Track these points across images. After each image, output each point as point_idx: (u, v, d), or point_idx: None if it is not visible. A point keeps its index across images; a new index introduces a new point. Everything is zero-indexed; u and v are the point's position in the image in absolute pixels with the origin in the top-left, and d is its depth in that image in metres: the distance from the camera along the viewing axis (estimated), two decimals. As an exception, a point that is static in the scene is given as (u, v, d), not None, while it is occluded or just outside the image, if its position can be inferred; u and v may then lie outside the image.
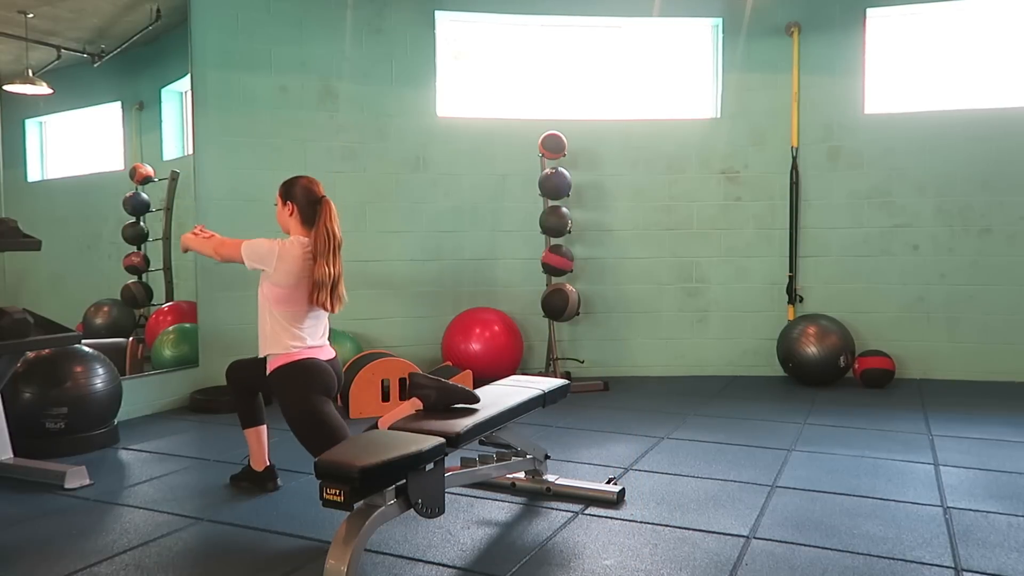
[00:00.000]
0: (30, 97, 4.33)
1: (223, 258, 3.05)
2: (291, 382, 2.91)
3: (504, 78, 5.87)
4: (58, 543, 2.63)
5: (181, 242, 3.21)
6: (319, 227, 2.97)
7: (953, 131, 5.49)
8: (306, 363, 2.93)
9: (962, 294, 5.53)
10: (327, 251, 2.95)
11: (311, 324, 3.00)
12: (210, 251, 3.08)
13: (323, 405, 2.91)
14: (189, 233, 3.19)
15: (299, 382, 2.91)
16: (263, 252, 2.93)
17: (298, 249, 2.95)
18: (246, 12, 5.06)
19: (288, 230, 3.06)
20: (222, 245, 3.06)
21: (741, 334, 5.78)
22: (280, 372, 2.93)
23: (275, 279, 2.93)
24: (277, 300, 2.94)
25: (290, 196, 3.03)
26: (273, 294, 2.94)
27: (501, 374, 4.46)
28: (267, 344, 2.97)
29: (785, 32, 5.63)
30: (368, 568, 2.39)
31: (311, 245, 2.97)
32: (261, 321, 2.99)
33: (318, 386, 2.93)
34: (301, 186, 3.03)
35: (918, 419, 4.37)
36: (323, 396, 2.93)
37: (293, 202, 3.01)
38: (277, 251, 2.92)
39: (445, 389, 2.60)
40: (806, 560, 2.45)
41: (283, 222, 3.07)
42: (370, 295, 5.41)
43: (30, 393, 3.64)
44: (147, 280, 4.93)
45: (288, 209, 3.03)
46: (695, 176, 5.75)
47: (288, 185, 3.05)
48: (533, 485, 3.09)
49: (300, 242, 2.98)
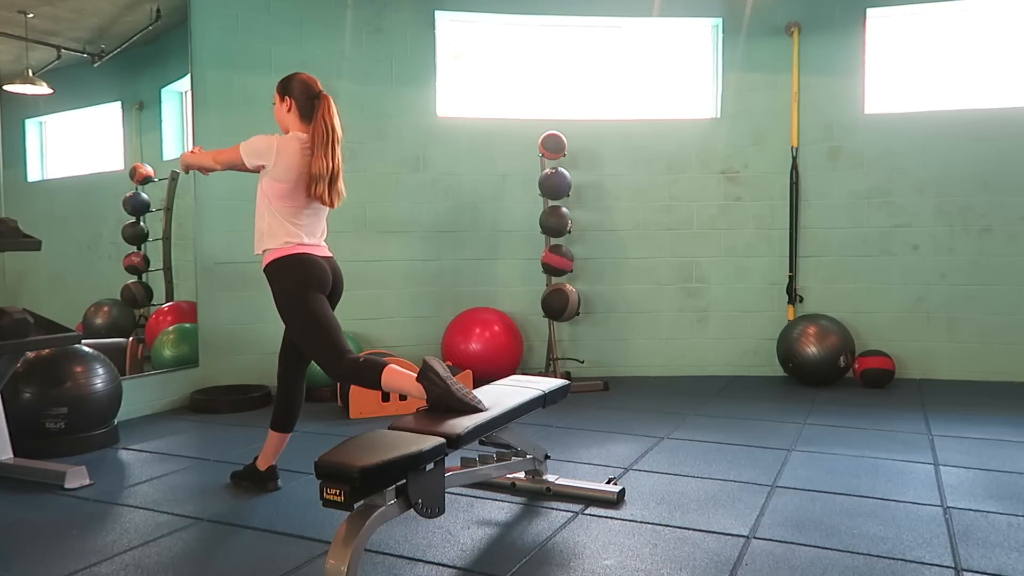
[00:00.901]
0: (30, 97, 4.33)
1: (223, 164, 3.03)
2: (285, 274, 2.89)
3: (504, 78, 5.87)
4: (58, 543, 2.63)
5: (181, 162, 3.17)
6: (317, 121, 2.94)
7: (953, 131, 5.49)
8: (302, 257, 2.91)
9: (962, 294, 5.53)
10: (325, 144, 2.92)
11: (308, 221, 2.97)
12: (209, 161, 3.06)
13: (318, 301, 2.88)
14: (187, 151, 3.16)
15: (294, 274, 2.88)
16: (261, 148, 2.91)
17: (295, 144, 2.93)
18: (246, 12, 5.06)
19: (286, 127, 3.03)
20: (220, 152, 3.04)
21: (741, 334, 5.78)
22: (275, 265, 2.91)
23: (275, 174, 2.90)
24: (277, 195, 2.91)
25: (288, 91, 3.00)
26: (273, 189, 2.91)
27: (501, 374, 4.47)
28: (263, 239, 2.94)
29: (785, 32, 5.63)
30: (368, 568, 2.39)
31: (309, 140, 2.94)
32: (258, 219, 2.95)
33: (314, 281, 2.90)
34: (299, 81, 3.00)
35: (918, 419, 4.37)
36: (318, 292, 2.91)
37: (291, 97, 2.99)
38: (275, 146, 2.90)
39: (451, 396, 2.53)
40: (806, 560, 2.45)
41: (281, 119, 3.04)
42: (370, 295, 5.41)
43: (30, 393, 3.64)
44: (147, 280, 4.93)
45: (286, 105, 3.00)
46: (695, 176, 5.75)
47: (286, 81, 3.02)
48: (533, 485, 3.09)
49: (298, 137, 2.96)
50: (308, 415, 4.47)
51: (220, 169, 3.08)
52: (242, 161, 2.94)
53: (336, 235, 3.42)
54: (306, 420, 4.34)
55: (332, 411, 4.65)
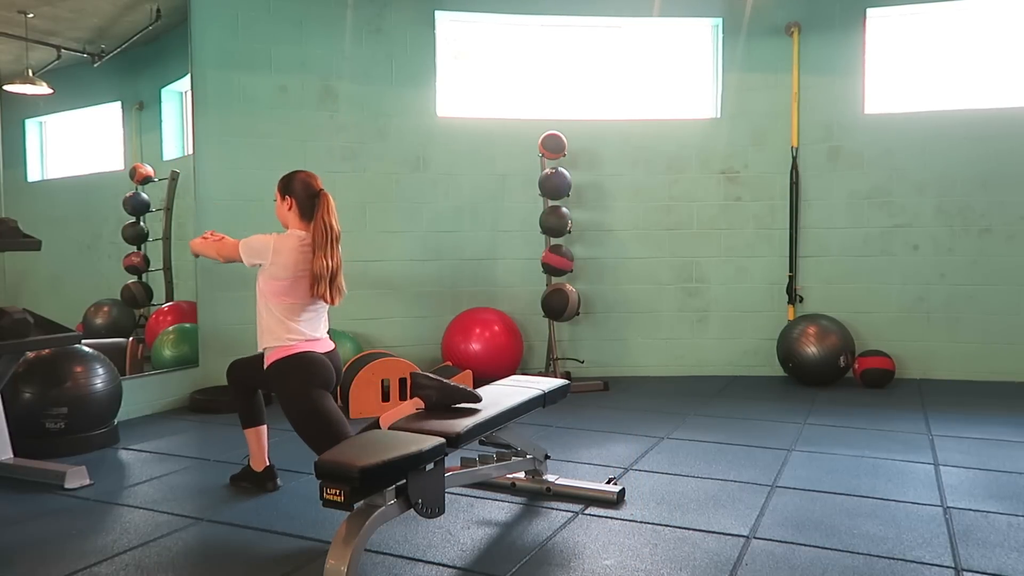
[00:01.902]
0: (30, 97, 4.33)
1: (225, 258, 3.08)
2: (289, 375, 2.91)
3: (504, 78, 5.87)
4: (58, 543, 2.63)
5: (191, 247, 3.26)
6: (317, 220, 2.96)
7: (953, 131, 5.49)
8: (304, 356, 2.93)
9: (962, 294, 5.53)
10: (325, 243, 2.94)
11: (309, 317, 2.99)
12: (213, 253, 3.11)
13: (322, 398, 2.90)
14: (198, 238, 3.21)
15: (297, 375, 2.90)
16: (259, 246, 2.94)
17: (294, 241, 2.96)
18: (246, 12, 5.06)
19: (287, 224, 3.06)
20: (224, 246, 3.09)
21: (741, 334, 5.78)
22: (278, 365, 2.93)
23: (272, 272, 2.93)
24: (274, 293, 2.94)
25: (289, 191, 3.03)
26: (270, 287, 2.94)
27: (501, 374, 4.46)
28: (265, 338, 2.97)
29: (785, 32, 5.63)
30: (368, 568, 2.40)
31: (309, 238, 2.97)
32: (259, 316, 2.99)
33: (317, 379, 2.92)
34: (299, 180, 3.03)
35: (918, 419, 4.37)
36: (321, 389, 2.92)
37: (292, 196, 3.01)
38: (272, 244, 2.93)
39: (446, 389, 2.61)
40: (806, 560, 2.45)
41: (282, 217, 3.07)
42: (370, 295, 5.41)
43: (30, 393, 3.64)
44: (147, 280, 4.93)
45: (287, 204, 3.03)
46: (695, 176, 5.75)
47: (287, 180, 3.05)
48: (533, 485, 3.09)
49: (296, 235, 2.99)
50: (308, 415, 4.47)
51: (223, 262, 3.13)
52: (241, 259, 2.98)
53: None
54: (306, 420, 4.34)
55: (332, 411, 4.64)
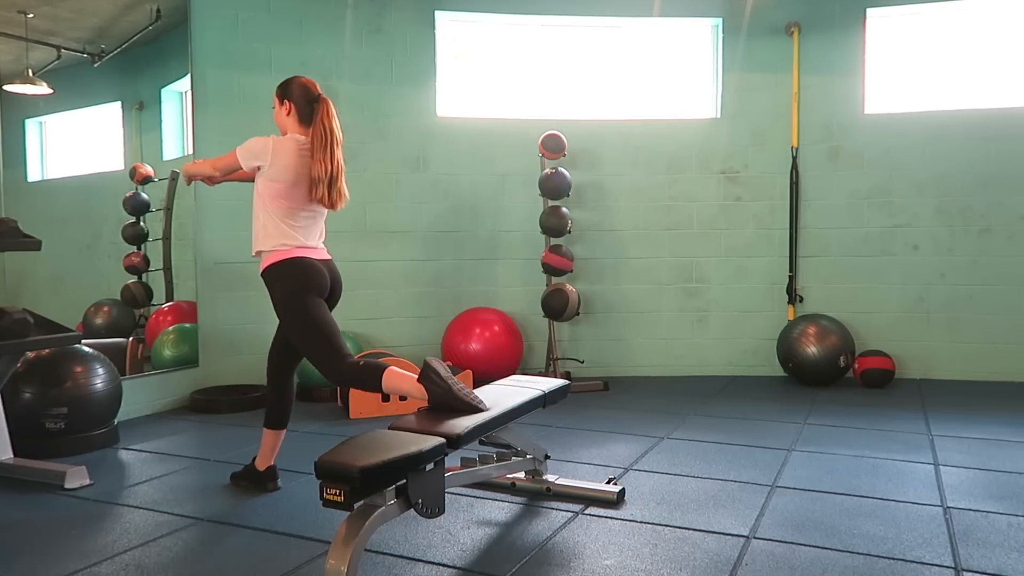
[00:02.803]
0: (30, 97, 4.33)
1: (221, 170, 3.03)
2: (284, 279, 2.88)
3: (504, 78, 5.87)
4: (58, 543, 2.63)
5: (183, 173, 3.16)
6: (316, 124, 2.94)
7: (953, 131, 5.49)
8: (300, 260, 2.91)
9: (962, 294, 5.53)
10: (324, 147, 2.92)
11: (305, 223, 2.97)
12: (209, 169, 3.06)
13: (316, 305, 2.88)
14: (189, 163, 3.16)
15: (292, 279, 2.87)
16: (257, 148, 2.91)
17: (293, 144, 2.93)
18: (246, 12, 5.06)
19: (285, 130, 3.03)
20: (219, 159, 3.04)
21: (741, 334, 5.78)
22: (273, 269, 2.91)
23: (271, 174, 2.90)
24: (272, 196, 2.91)
25: (287, 95, 3.00)
26: (268, 189, 2.91)
27: (501, 374, 4.47)
28: (259, 241, 2.94)
29: (785, 32, 5.63)
30: (368, 568, 2.39)
31: (308, 142, 2.94)
32: (255, 220, 2.95)
33: (312, 285, 2.89)
34: (298, 84, 3.00)
35: (918, 419, 4.37)
36: (316, 296, 2.90)
37: (290, 101, 2.99)
38: (271, 146, 2.90)
39: (452, 395, 2.55)
40: (806, 560, 2.45)
41: (280, 122, 3.05)
42: (370, 295, 5.41)
43: (30, 393, 3.64)
44: (147, 280, 4.93)
45: (285, 108, 3.00)
46: (695, 176, 5.75)
47: (285, 85, 3.02)
48: (533, 485, 3.09)
49: (295, 138, 2.96)
50: (308, 415, 4.47)
51: (221, 177, 3.08)
52: (239, 164, 2.94)
53: (336, 235, 3.42)
54: (306, 420, 4.34)
55: (332, 411, 4.64)
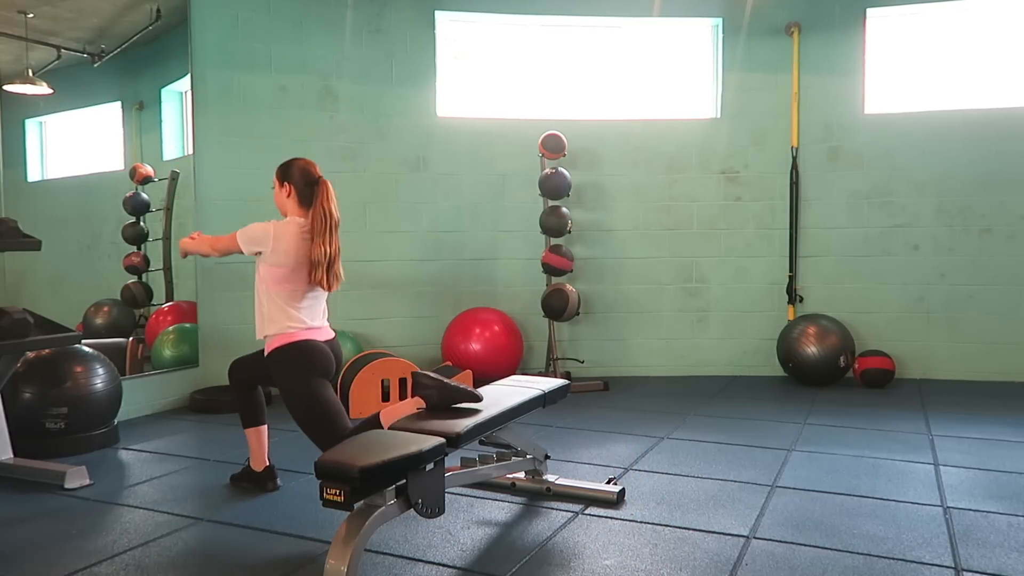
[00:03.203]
0: (30, 97, 4.33)
1: (221, 252, 3.06)
2: (289, 364, 2.90)
3: (504, 78, 5.87)
4: (58, 543, 2.63)
5: (180, 247, 3.21)
6: (316, 207, 2.95)
7: (953, 131, 5.49)
8: (304, 344, 2.92)
9: (962, 294, 5.53)
10: (324, 230, 2.93)
11: (309, 305, 2.98)
12: (207, 249, 3.09)
13: (322, 388, 2.90)
14: (186, 237, 3.19)
15: (298, 363, 2.89)
16: (258, 235, 2.92)
17: (294, 228, 2.94)
18: (246, 12, 5.06)
19: (285, 212, 3.04)
20: (218, 240, 3.07)
21: (741, 334, 5.78)
22: (278, 353, 2.92)
23: (272, 260, 2.91)
24: (275, 280, 2.92)
25: (287, 177, 3.01)
26: (270, 275, 2.93)
27: (501, 374, 4.47)
28: (264, 326, 2.95)
29: (785, 32, 5.63)
30: (368, 568, 2.39)
31: (308, 225, 2.96)
32: (258, 304, 2.97)
33: (317, 368, 2.91)
34: (298, 167, 3.02)
35: (918, 419, 4.37)
36: (321, 378, 2.92)
37: (290, 183, 3.00)
38: (272, 231, 2.91)
39: (447, 389, 2.61)
40: (806, 560, 2.45)
41: (280, 204, 3.06)
42: (370, 295, 5.41)
43: (30, 393, 3.64)
44: (147, 280, 4.93)
45: (285, 191, 3.01)
46: (695, 176, 5.75)
47: (285, 167, 3.04)
48: (533, 485, 3.09)
49: (296, 222, 2.97)
50: (308, 415, 4.47)
51: (218, 256, 3.11)
52: (240, 249, 2.96)
53: (336, 235, 3.41)
54: (306, 420, 4.34)
55: (332, 411, 4.64)
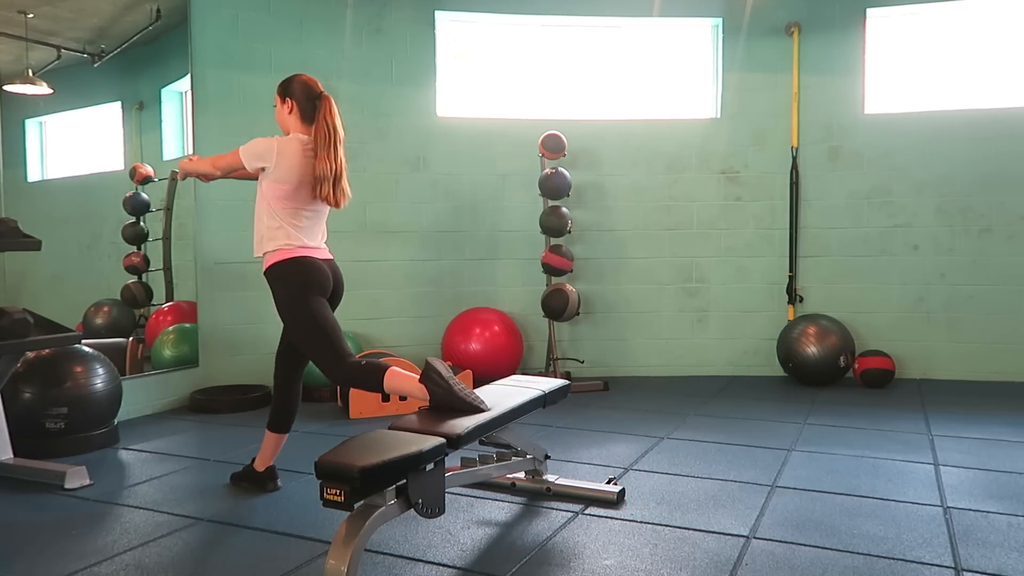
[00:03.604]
0: (30, 97, 4.32)
1: (222, 169, 3.01)
2: (287, 278, 2.88)
3: (504, 78, 5.87)
4: (58, 543, 2.63)
5: (179, 169, 3.13)
6: (319, 122, 2.93)
7: (953, 131, 5.49)
8: (304, 260, 2.90)
9: (962, 294, 5.53)
10: (328, 145, 2.91)
11: (308, 224, 2.96)
12: (208, 167, 3.04)
13: (318, 305, 2.88)
14: (184, 159, 3.14)
15: (295, 278, 2.87)
16: (261, 150, 2.89)
17: (297, 144, 2.92)
18: (246, 12, 5.06)
19: (287, 129, 3.02)
20: (219, 158, 3.02)
21: (741, 334, 5.78)
22: (276, 268, 2.90)
23: (276, 175, 2.88)
24: (276, 197, 2.89)
25: (289, 93, 2.99)
26: (273, 191, 2.90)
27: (501, 374, 4.47)
28: (263, 242, 2.93)
29: (785, 32, 5.63)
30: (368, 568, 2.39)
31: (311, 141, 2.94)
32: (257, 221, 2.94)
33: (315, 284, 2.89)
34: (300, 82, 2.99)
35: (918, 419, 4.37)
36: (319, 296, 2.90)
37: (292, 99, 2.97)
38: (276, 147, 2.89)
39: (454, 396, 2.54)
40: (806, 560, 2.45)
41: (282, 121, 3.03)
42: (370, 295, 5.41)
43: (30, 393, 3.64)
44: (147, 280, 4.93)
45: (287, 107, 2.99)
46: (695, 176, 5.75)
47: (286, 83, 3.01)
48: (533, 485, 3.09)
49: (299, 138, 2.95)
50: (308, 415, 4.47)
51: (220, 176, 3.06)
52: (242, 164, 2.92)
53: (336, 236, 3.41)
54: (306, 420, 4.34)
55: (332, 411, 4.64)
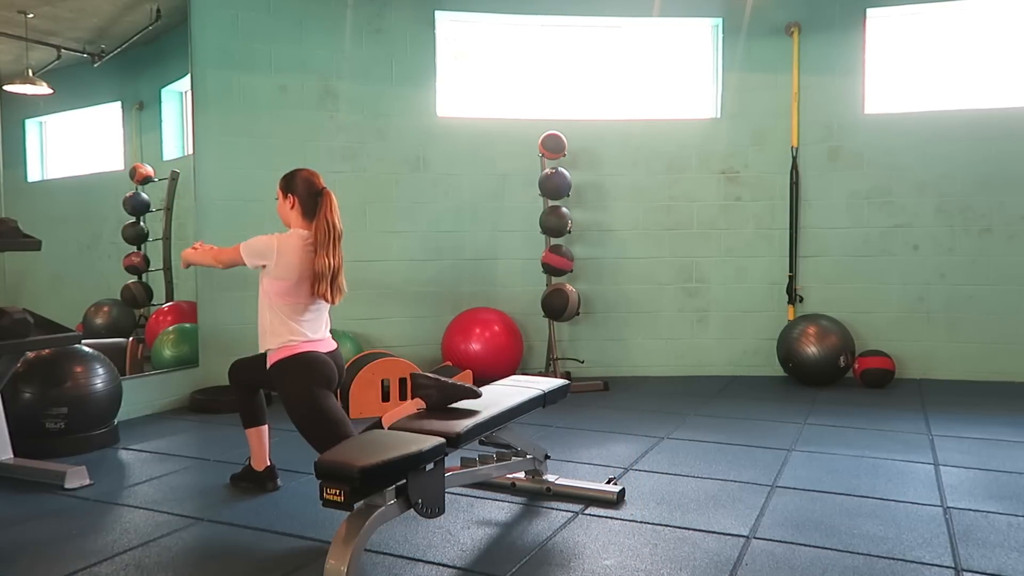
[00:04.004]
0: (30, 97, 4.33)
1: (224, 264, 3.07)
2: (292, 375, 2.91)
3: (504, 78, 5.87)
4: (58, 543, 2.63)
5: (182, 259, 3.21)
6: (320, 219, 2.96)
7: (953, 131, 5.49)
8: (307, 356, 2.93)
9: (962, 294, 5.53)
10: (327, 242, 2.94)
11: (311, 317, 3.00)
12: (211, 260, 3.10)
13: (324, 398, 2.91)
14: (189, 248, 3.20)
15: (300, 375, 2.90)
16: (262, 248, 2.93)
17: (297, 241, 2.95)
18: (246, 12, 5.06)
19: (289, 223, 3.05)
20: (221, 252, 3.08)
21: (741, 334, 5.78)
22: (280, 366, 2.93)
23: (276, 273, 2.92)
24: (278, 293, 2.93)
25: (291, 189, 3.02)
26: (274, 288, 2.94)
27: (501, 374, 4.46)
28: (267, 338, 2.97)
29: (785, 32, 5.63)
30: (368, 568, 2.40)
31: (311, 237, 2.96)
32: (261, 317, 2.99)
33: (319, 379, 2.92)
34: (302, 178, 3.02)
35: (918, 419, 4.37)
36: (324, 389, 2.93)
37: (294, 195, 3.00)
38: (276, 245, 2.92)
39: (445, 388, 2.61)
40: (806, 560, 2.45)
41: (284, 215, 3.06)
42: (370, 295, 5.41)
43: (30, 393, 3.64)
44: (147, 280, 4.93)
45: (289, 202, 3.02)
46: (695, 176, 5.75)
47: (289, 178, 3.05)
48: (533, 485, 3.09)
49: (299, 234, 2.98)
50: (308, 415, 4.47)
51: (222, 268, 3.11)
52: (243, 262, 2.97)
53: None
54: (306, 420, 4.34)
55: (332, 411, 4.64)
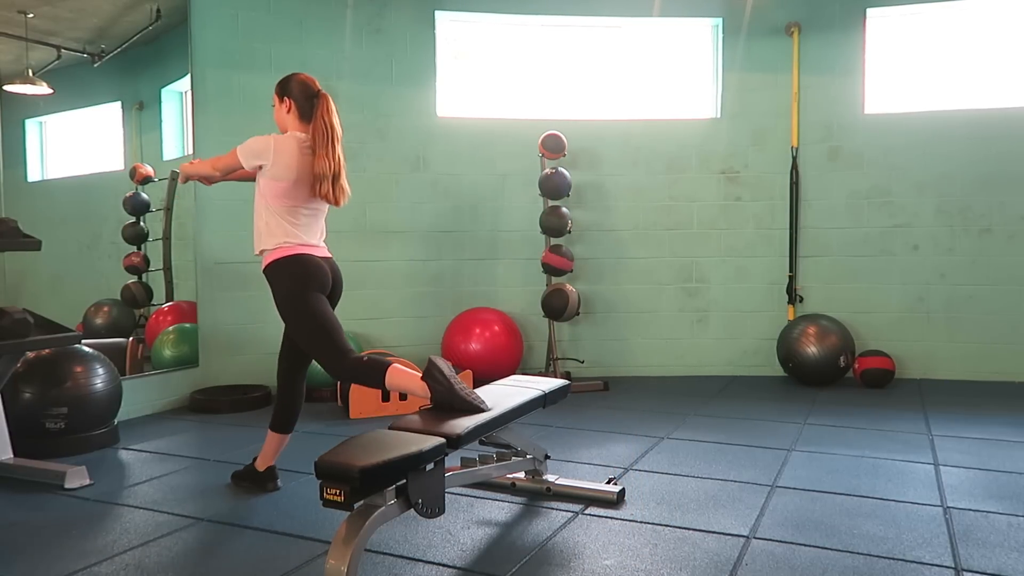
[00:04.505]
0: (30, 97, 4.32)
1: (221, 170, 3.02)
2: (286, 275, 2.88)
3: (504, 78, 5.87)
4: (58, 543, 2.63)
5: (180, 173, 3.15)
6: (317, 120, 2.94)
7: (953, 131, 5.49)
8: (303, 257, 2.91)
9: (962, 294, 5.53)
10: (326, 143, 2.92)
11: (307, 221, 2.97)
12: (208, 169, 3.05)
13: (318, 301, 2.88)
14: (186, 163, 3.15)
15: (295, 275, 2.88)
16: (259, 148, 2.90)
17: (293, 142, 2.93)
18: (246, 12, 5.06)
19: (285, 128, 3.03)
20: (218, 159, 3.03)
21: (741, 334, 5.78)
22: (274, 265, 2.91)
23: (273, 173, 2.89)
24: (274, 194, 2.90)
25: (287, 92, 3.00)
26: (270, 188, 2.91)
27: (501, 374, 4.47)
28: (261, 239, 2.94)
29: (785, 32, 5.63)
30: (368, 568, 2.40)
31: (309, 139, 2.94)
32: (256, 218, 2.95)
33: (314, 281, 2.90)
34: (298, 81, 3.00)
35: (918, 419, 4.37)
36: (317, 292, 2.91)
37: (290, 98, 2.99)
38: (273, 144, 2.89)
39: (455, 395, 2.54)
40: (806, 560, 2.45)
41: (280, 120, 3.04)
42: (370, 295, 5.41)
43: (30, 393, 3.64)
44: (147, 280, 4.93)
45: (285, 106, 3.00)
46: (695, 176, 5.75)
47: (284, 82, 3.02)
48: (533, 485, 3.09)
49: (296, 136, 2.96)
50: (308, 415, 4.47)
51: (220, 177, 3.07)
52: (240, 164, 2.94)
53: (336, 236, 3.42)
54: (306, 420, 4.34)
55: (332, 411, 4.64)
